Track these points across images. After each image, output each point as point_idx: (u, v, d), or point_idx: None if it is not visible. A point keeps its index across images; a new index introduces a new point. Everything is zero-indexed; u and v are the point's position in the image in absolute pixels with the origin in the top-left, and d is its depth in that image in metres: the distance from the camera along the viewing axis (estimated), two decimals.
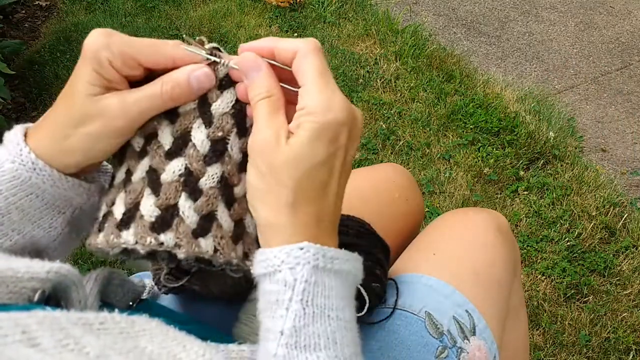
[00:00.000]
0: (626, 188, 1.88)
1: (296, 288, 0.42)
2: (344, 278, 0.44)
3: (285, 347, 0.40)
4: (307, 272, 0.42)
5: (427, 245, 0.85)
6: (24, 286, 0.41)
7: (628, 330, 1.48)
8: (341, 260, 0.44)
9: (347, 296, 0.44)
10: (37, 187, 0.47)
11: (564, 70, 2.35)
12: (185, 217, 0.44)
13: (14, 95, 2.12)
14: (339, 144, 0.44)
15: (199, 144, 0.46)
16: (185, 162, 0.46)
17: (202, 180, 0.46)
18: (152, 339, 0.41)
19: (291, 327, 0.41)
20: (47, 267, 0.44)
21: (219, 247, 0.45)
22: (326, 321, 0.42)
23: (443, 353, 0.70)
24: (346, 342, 0.42)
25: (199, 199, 0.45)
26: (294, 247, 0.43)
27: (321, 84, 0.44)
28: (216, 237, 0.45)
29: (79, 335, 0.36)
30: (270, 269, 0.43)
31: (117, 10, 2.59)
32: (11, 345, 0.32)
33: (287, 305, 0.41)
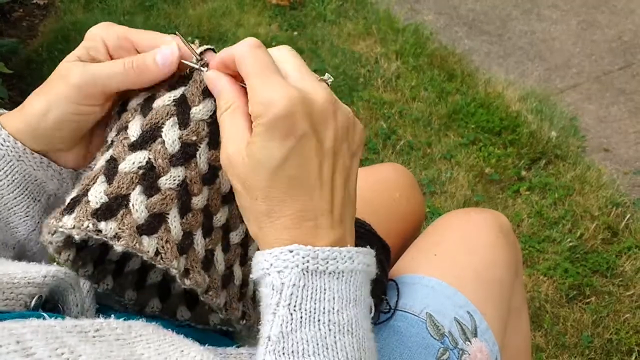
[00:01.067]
0: (629, 188, 1.87)
1: (284, 292, 0.40)
2: (345, 277, 0.43)
3: (272, 354, 0.39)
4: (295, 276, 0.41)
5: (428, 246, 0.84)
6: (20, 292, 0.41)
7: (631, 331, 1.47)
8: (339, 259, 0.42)
9: (348, 297, 0.42)
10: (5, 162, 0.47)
11: (566, 70, 2.34)
12: (134, 210, 0.42)
13: (11, 94, 2.11)
14: (297, 134, 0.41)
15: (169, 143, 0.44)
16: (149, 157, 0.44)
17: (163, 178, 0.44)
18: (149, 345, 0.40)
19: (278, 333, 0.40)
20: (43, 271, 0.44)
21: (162, 251, 0.42)
22: (316, 326, 0.40)
23: (444, 355, 0.69)
24: (340, 346, 0.41)
25: (154, 196, 0.43)
26: (284, 249, 0.41)
27: (258, 84, 0.42)
28: (161, 240, 0.43)
29: (74, 344, 0.35)
30: (261, 273, 0.42)
31: (115, 8, 2.59)
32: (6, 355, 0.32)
33: (274, 309, 0.40)
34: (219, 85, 0.45)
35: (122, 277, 0.52)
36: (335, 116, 0.44)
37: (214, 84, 0.45)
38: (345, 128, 0.45)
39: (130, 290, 0.52)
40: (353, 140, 0.46)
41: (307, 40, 2.40)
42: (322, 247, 0.42)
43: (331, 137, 0.43)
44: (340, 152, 0.44)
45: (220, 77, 0.45)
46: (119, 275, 0.52)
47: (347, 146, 0.45)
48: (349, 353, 0.41)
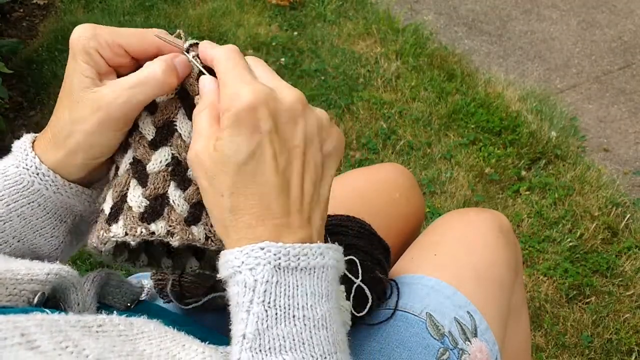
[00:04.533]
0: (629, 188, 1.87)
1: (257, 289, 0.40)
2: (317, 273, 0.43)
3: (249, 351, 0.39)
4: (268, 273, 0.40)
5: (428, 246, 0.84)
6: (23, 288, 0.42)
7: (630, 331, 1.47)
8: (310, 255, 0.42)
9: (320, 292, 0.43)
10: (40, 195, 0.47)
11: (566, 70, 2.34)
12: (177, 205, 0.44)
13: (11, 94, 2.11)
14: (264, 130, 0.42)
15: (186, 134, 0.46)
16: (172, 152, 0.46)
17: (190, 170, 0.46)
18: (151, 341, 0.40)
19: (254, 331, 0.39)
20: (46, 269, 0.44)
21: (210, 234, 0.45)
22: (291, 322, 0.40)
23: (444, 354, 0.69)
24: (316, 341, 0.41)
25: (189, 188, 0.45)
26: (255, 247, 0.41)
27: (229, 79, 0.43)
28: (207, 225, 0.45)
29: (77, 338, 0.35)
30: (231, 271, 0.42)
31: (115, 8, 2.58)
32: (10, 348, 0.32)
33: (247, 307, 0.40)
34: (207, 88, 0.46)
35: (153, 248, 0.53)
36: (304, 116, 0.44)
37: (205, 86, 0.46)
38: (316, 128, 0.45)
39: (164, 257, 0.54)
40: (325, 143, 0.46)
41: (307, 40, 2.40)
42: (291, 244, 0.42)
43: (300, 136, 0.44)
44: (310, 152, 0.44)
45: (213, 82, 0.46)
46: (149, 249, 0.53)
47: (317, 147, 0.45)
48: (325, 347, 0.41)
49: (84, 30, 0.45)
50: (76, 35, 0.45)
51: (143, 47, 0.46)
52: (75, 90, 0.44)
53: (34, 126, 2.06)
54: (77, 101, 0.44)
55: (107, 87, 0.45)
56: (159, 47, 0.47)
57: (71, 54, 0.45)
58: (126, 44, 0.45)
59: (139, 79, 0.45)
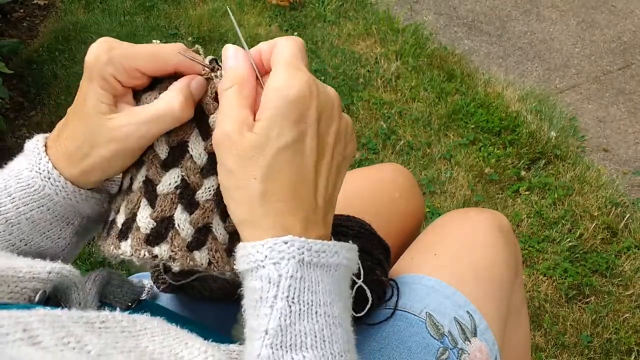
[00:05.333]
0: (628, 188, 1.87)
1: (281, 285, 0.40)
2: (332, 271, 0.43)
3: (269, 348, 0.39)
4: (293, 268, 0.40)
5: (428, 246, 0.84)
6: (25, 286, 0.41)
7: (630, 331, 1.47)
8: (328, 253, 0.42)
9: (335, 290, 0.42)
10: (50, 199, 0.47)
11: (566, 70, 2.34)
12: (181, 229, 0.44)
13: (12, 94, 2.11)
14: (308, 122, 0.42)
15: (197, 156, 0.46)
16: (182, 174, 0.45)
17: (199, 192, 0.46)
18: (154, 338, 0.40)
19: (276, 326, 0.39)
20: (48, 267, 0.44)
21: (214, 260, 0.45)
22: (313, 318, 0.40)
23: (444, 354, 0.69)
24: (335, 339, 0.40)
25: (195, 212, 0.45)
26: (278, 240, 0.40)
27: (287, 66, 0.42)
28: (211, 250, 0.45)
29: (80, 334, 0.35)
30: (252, 265, 0.41)
31: (115, 9, 2.58)
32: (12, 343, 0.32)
33: (271, 303, 0.39)
34: (237, 59, 0.44)
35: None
36: (340, 117, 0.45)
37: (231, 55, 0.45)
38: (345, 132, 0.46)
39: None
40: (347, 147, 0.46)
41: (307, 40, 2.40)
42: (313, 239, 0.42)
43: (333, 135, 0.44)
44: (337, 152, 0.45)
45: (239, 52, 0.45)
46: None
47: (342, 148, 0.46)
48: (342, 345, 0.41)
49: (100, 54, 0.43)
50: (92, 58, 0.44)
51: (160, 67, 0.45)
52: (91, 115, 0.44)
53: (34, 126, 2.06)
54: (94, 125, 0.44)
55: (124, 117, 0.44)
56: (176, 66, 0.46)
57: (87, 76, 0.44)
58: (143, 66, 0.45)
59: (157, 113, 0.44)
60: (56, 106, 2.09)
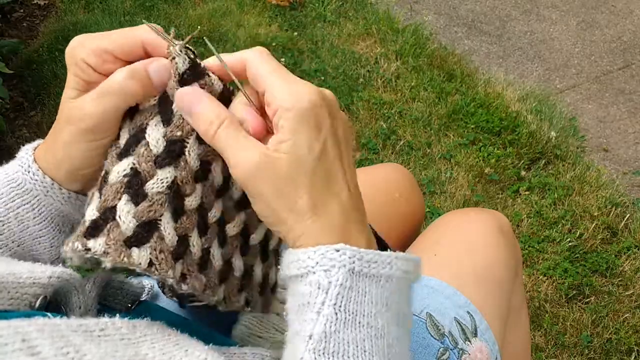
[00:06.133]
0: (628, 188, 1.87)
1: (330, 292, 0.40)
2: (381, 283, 0.42)
3: (312, 352, 0.39)
4: (343, 276, 0.40)
5: (428, 246, 0.84)
6: (25, 292, 0.41)
7: (630, 331, 1.47)
8: (380, 264, 0.42)
9: (381, 302, 0.42)
10: (33, 196, 0.47)
11: (566, 70, 2.34)
12: (121, 222, 0.40)
13: (12, 94, 2.11)
14: (325, 128, 0.42)
15: (153, 143, 0.42)
16: (133, 162, 0.42)
17: (150, 183, 0.41)
18: (153, 345, 0.40)
19: (321, 332, 0.39)
20: (49, 271, 0.44)
21: (156, 262, 0.40)
22: (357, 328, 0.40)
23: (444, 354, 0.69)
24: (375, 351, 0.40)
25: (141, 204, 0.40)
26: (330, 248, 0.41)
27: (281, 79, 0.42)
28: (154, 250, 0.40)
29: (79, 343, 0.35)
30: (303, 270, 0.41)
31: (115, 9, 2.58)
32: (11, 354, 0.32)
33: (318, 308, 0.40)
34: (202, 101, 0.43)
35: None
36: (340, 112, 0.45)
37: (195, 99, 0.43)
38: (347, 126, 0.45)
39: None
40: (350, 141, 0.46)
41: (307, 40, 2.40)
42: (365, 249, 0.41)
43: (342, 133, 0.44)
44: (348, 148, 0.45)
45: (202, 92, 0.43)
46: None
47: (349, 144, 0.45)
48: (381, 358, 0.41)
49: (74, 40, 0.43)
50: (68, 47, 0.44)
51: (129, 49, 0.44)
52: (62, 103, 0.44)
53: (34, 126, 2.06)
54: (61, 112, 0.44)
55: (81, 99, 0.43)
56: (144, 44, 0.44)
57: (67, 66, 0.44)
58: (112, 48, 0.43)
59: (102, 88, 0.43)
60: (56, 106, 2.08)
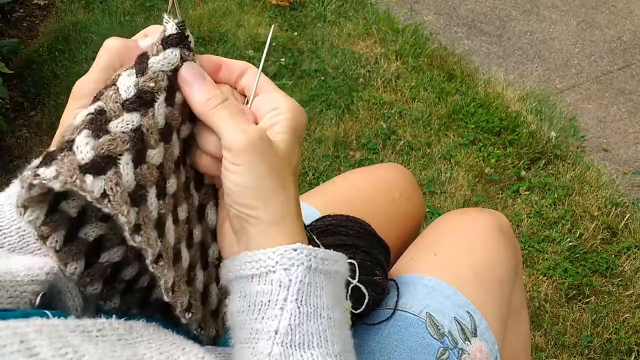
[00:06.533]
0: (628, 188, 1.87)
1: (291, 288, 0.43)
2: (333, 278, 0.47)
3: (280, 346, 0.42)
4: (302, 273, 0.44)
5: (428, 246, 0.84)
6: (24, 290, 0.41)
7: (630, 331, 1.47)
8: (330, 261, 0.46)
9: (336, 295, 0.47)
10: None
11: (566, 70, 2.34)
12: (78, 151, 0.38)
13: (12, 94, 2.11)
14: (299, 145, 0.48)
15: (123, 88, 0.42)
16: (101, 104, 0.41)
17: (114, 122, 0.40)
18: (151, 345, 0.40)
19: (287, 326, 0.42)
20: (47, 267, 0.43)
21: (110, 193, 0.37)
22: (318, 320, 0.44)
23: (444, 354, 0.69)
24: (336, 339, 0.44)
25: (103, 137, 0.39)
26: (288, 248, 0.44)
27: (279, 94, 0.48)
28: (110, 182, 0.38)
29: (77, 344, 0.35)
30: (263, 270, 0.44)
31: (115, 9, 2.58)
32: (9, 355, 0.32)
33: (282, 305, 0.43)
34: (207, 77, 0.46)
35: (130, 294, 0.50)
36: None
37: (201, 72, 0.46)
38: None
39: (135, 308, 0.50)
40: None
41: (307, 40, 2.40)
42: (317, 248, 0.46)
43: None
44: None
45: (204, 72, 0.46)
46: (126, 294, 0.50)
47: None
48: (342, 346, 0.45)
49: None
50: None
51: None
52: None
53: (34, 126, 2.06)
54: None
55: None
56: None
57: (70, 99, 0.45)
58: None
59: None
60: (56, 106, 2.08)
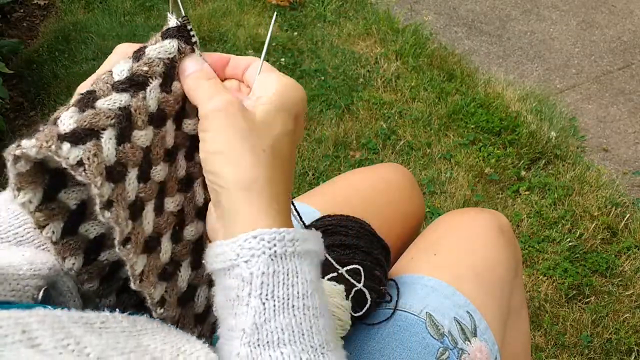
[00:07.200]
0: (628, 188, 1.87)
1: (253, 283, 0.39)
2: (310, 259, 0.42)
3: (247, 346, 0.39)
4: (263, 264, 0.39)
5: (428, 246, 0.84)
6: (27, 284, 0.41)
7: (630, 331, 1.47)
8: (302, 240, 0.41)
9: (313, 279, 0.41)
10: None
11: (566, 70, 2.34)
12: (61, 123, 0.39)
13: (12, 94, 2.11)
14: (300, 122, 0.45)
15: (117, 72, 0.42)
16: (93, 87, 0.42)
17: (102, 100, 0.41)
18: (155, 336, 0.40)
19: (252, 325, 0.39)
20: (49, 262, 0.43)
21: (87, 162, 0.38)
22: (290, 313, 0.39)
23: (444, 354, 0.69)
24: (315, 330, 0.40)
25: (86, 111, 0.40)
26: (247, 236, 0.40)
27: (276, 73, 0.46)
28: (88, 152, 0.38)
29: (79, 335, 0.35)
30: (228, 263, 0.41)
31: (115, 9, 2.58)
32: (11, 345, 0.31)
33: (247, 301, 0.39)
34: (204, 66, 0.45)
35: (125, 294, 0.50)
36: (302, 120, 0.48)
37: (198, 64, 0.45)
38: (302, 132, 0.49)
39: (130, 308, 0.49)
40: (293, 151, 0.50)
41: (307, 40, 2.40)
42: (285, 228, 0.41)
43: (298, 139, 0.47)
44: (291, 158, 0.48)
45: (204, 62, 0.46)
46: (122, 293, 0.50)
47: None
48: (323, 336, 0.40)
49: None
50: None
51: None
52: None
53: (34, 126, 2.06)
54: None
55: None
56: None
57: None
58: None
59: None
60: (56, 106, 2.08)
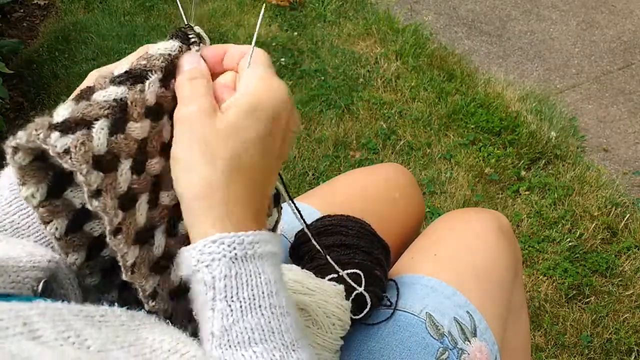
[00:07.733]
0: (628, 188, 1.87)
1: (217, 286, 0.40)
2: (271, 261, 0.42)
3: (218, 348, 0.39)
4: (225, 267, 0.40)
5: (428, 246, 0.84)
6: (26, 276, 0.41)
7: (630, 331, 1.47)
8: (263, 242, 0.42)
9: (278, 279, 0.42)
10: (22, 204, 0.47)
11: (566, 70, 2.34)
12: (56, 114, 0.40)
13: (12, 94, 2.11)
14: (280, 124, 0.44)
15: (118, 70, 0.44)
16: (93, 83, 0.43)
17: (99, 92, 0.42)
18: (154, 330, 0.40)
19: (220, 327, 0.39)
20: (48, 255, 0.43)
21: (73, 151, 0.38)
22: (258, 312, 0.40)
23: (444, 354, 0.69)
24: (285, 328, 0.41)
25: (81, 103, 0.41)
26: (207, 241, 0.40)
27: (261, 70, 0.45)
28: (76, 141, 0.38)
29: (80, 328, 0.35)
30: (190, 270, 0.41)
31: (115, 9, 2.58)
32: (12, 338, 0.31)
33: (212, 305, 0.40)
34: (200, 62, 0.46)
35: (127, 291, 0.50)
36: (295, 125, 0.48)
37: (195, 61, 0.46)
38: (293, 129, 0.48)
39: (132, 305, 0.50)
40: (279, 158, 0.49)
41: (307, 40, 2.40)
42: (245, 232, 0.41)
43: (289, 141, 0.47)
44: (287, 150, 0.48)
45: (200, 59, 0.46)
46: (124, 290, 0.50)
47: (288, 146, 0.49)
48: (293, 333, 0.41)
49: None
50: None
51: None
52: None
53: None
54: None
55: None
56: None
57: None
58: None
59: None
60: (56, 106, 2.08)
